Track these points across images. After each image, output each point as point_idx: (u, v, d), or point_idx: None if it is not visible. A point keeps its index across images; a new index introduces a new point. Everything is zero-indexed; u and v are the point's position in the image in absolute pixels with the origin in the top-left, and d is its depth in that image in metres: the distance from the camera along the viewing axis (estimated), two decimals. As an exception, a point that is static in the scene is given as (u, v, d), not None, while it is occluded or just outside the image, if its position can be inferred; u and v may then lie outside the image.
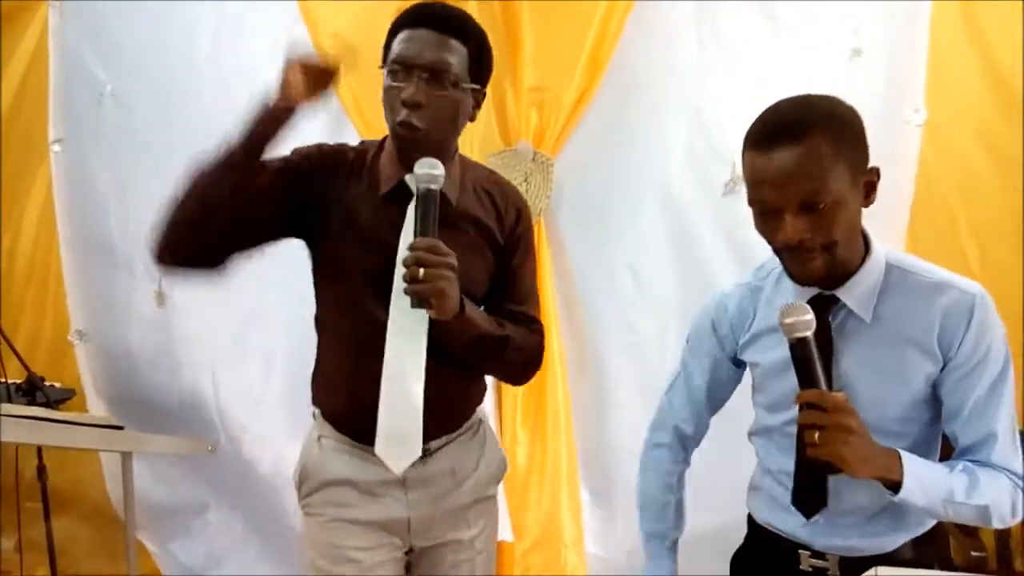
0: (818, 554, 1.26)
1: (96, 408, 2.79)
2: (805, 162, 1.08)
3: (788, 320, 1.11)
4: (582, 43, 2.37)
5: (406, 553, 1.48)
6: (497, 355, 1.39)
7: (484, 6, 2.46)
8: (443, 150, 1.36)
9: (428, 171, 1.24)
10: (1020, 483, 1.15)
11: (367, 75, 1.38)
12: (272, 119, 1.26)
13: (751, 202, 1.16)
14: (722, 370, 1.40)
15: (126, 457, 1.49)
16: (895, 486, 1.11)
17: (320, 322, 1.46)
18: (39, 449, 2.36)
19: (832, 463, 1.09)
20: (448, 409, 1.44)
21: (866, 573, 1.11)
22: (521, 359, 1.44)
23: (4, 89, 2.87)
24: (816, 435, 1.08)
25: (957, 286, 1.17)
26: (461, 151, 1.48)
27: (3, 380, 2.26)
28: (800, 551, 1.28)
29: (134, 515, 1.49)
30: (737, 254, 2.36)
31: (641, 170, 2.43)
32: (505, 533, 2.34)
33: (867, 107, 2.25)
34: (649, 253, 2.43)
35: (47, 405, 2.23)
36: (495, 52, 2.48)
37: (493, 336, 1.36)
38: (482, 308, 1.42)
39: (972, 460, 1.17)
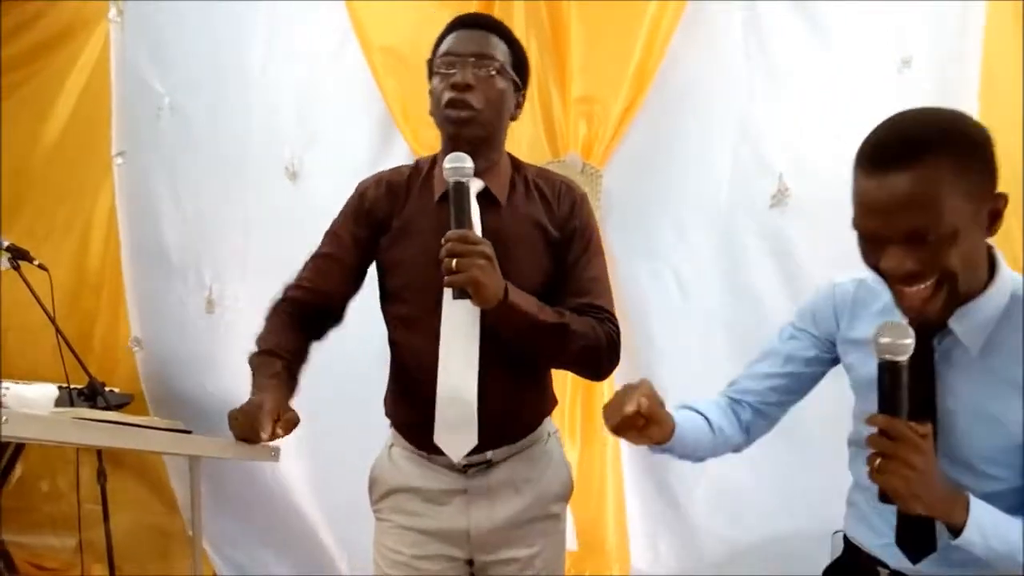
0: (897, 573, 1.22)
1: (149, 413, 2.85)
2: (919, 190, 0.97)
3: (884, 340, 1.03)
4: (630, 55, 2.40)
5: (469, 564, 1.48)
6: (558, 343, 1.34)
7: (532, 17, 2.49)
8: (490, 138, 1.39)
9: (456, 164, 1.26)
10: None
11: (415, 85, 1.41)
12: None
13: (855, 226, 1.06)
14: (805, 358, 1.30)
15: (194, 461, 1.54)
16: (958, 529, 1.04)
17: (390, 339, 1.49)
18: (99, 453, 2.43)
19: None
20: (508, 418, 1.42)
21: None
22: (587, 347, 1.36)
23: (65, 102, 2.96)
24: (877, 462, 1.02)
25: None
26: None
27: (66, 385, 2.33)
28: (879, 568, 1.23)
29: (201, 517, 1.54)
30: (782, 265, 2.37)
31: (688, 182, 2.45)
32: (570, 542, 2.32)
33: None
34: (696, 264, 2.45)
35: (107, 409, 2.30)
36: (543, 64, 2.51)
37: (547, 323, 1.31)
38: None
39: None
